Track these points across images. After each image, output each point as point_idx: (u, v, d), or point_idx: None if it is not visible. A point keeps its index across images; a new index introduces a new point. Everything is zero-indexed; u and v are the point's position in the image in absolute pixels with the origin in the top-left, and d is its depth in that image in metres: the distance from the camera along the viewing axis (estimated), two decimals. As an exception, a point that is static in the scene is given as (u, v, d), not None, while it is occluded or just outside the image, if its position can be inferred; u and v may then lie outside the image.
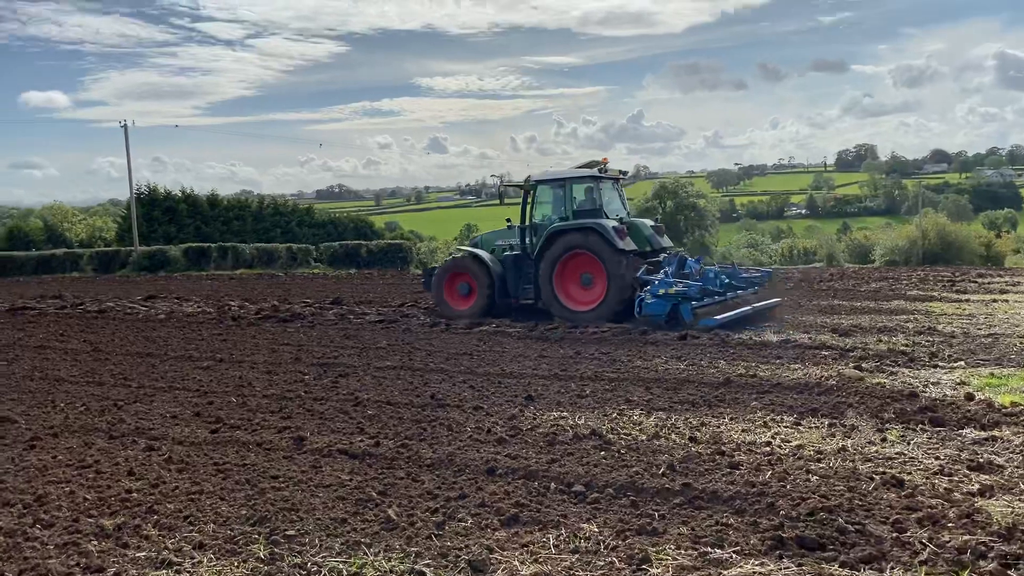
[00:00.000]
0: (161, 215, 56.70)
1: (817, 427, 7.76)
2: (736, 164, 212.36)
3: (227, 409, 9.35)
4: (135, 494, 6.24)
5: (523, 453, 7.05)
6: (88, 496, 6.21)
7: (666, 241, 17.00)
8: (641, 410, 8.62)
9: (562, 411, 8.68)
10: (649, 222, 17.08)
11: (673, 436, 7.53)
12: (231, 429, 8.37)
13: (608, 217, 16.36)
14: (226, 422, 8.65)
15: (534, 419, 8.33)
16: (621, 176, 17.62)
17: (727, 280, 16.04)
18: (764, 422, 7.98)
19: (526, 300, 16.81)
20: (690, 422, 8.07)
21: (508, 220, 17.83)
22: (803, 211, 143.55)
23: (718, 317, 14.33)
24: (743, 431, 7.71)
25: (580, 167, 17.22)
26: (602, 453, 6.99)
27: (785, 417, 8.16)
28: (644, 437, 7.51)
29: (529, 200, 17.08)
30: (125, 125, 45.43)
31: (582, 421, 8.18)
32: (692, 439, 7.40)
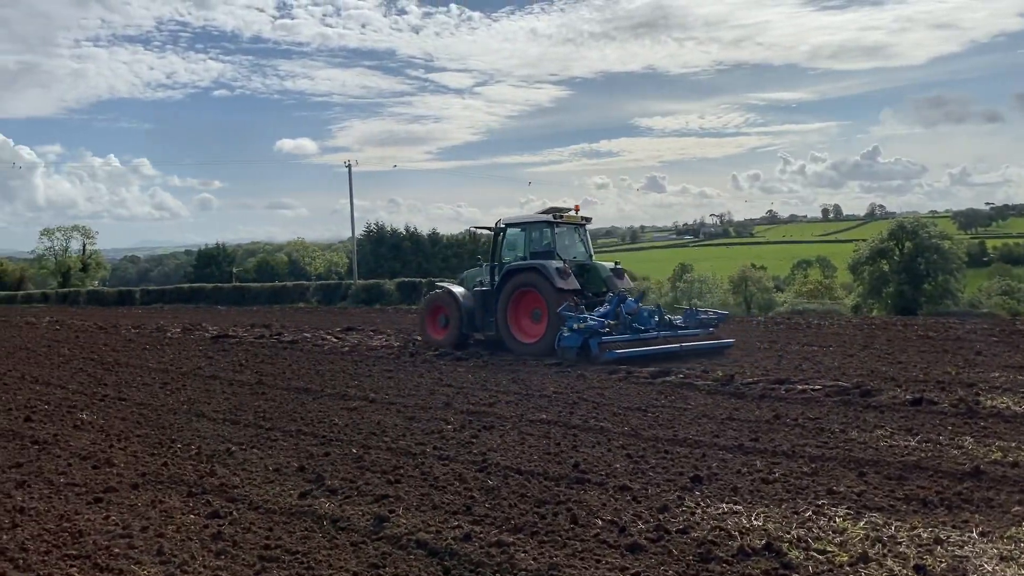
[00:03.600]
0: (387, 251, 58.80)
1: (1124, 561, 5.03)
2: (988, 204, 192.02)
3: (338, 464, 7.84)
4: (138, 588, 4.79)
5: (657, 573, 4.92)
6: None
7: (626, 283, 17.75)
8: (847, 509, 6.11)
9: (735, 502, 6.36)
10: (609, 265, 18.11)
11: (890, 561, 5.03)
12: (324, 493, 6.80)
13: (562, 259, 17.24)
14: (325, 483, 7.11)
15: (692, 513, 6.08)
16: (585, 222, 18.54)
17: (677, 320, 17.15)
18: (1035, 544, 5.35)
19: (488, 333, 17.85)
20: (918, 536, 5.49)
21: (479, 258, 19.85)
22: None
23: (619, 351, 14.99)
24: (1002, 558, 5.08)
25: (542, 212, 18.31)
26: (775, 584, 4.74)
27: (1069, 538, 5.46)
28: (845, 559, 5.07)
29: (499, 241, 18.29)
30: (349, 165, 47.54)
31: (759, 522, 5.82)
32: (919, 569, 4.92)
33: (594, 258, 18.62)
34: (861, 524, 5.79)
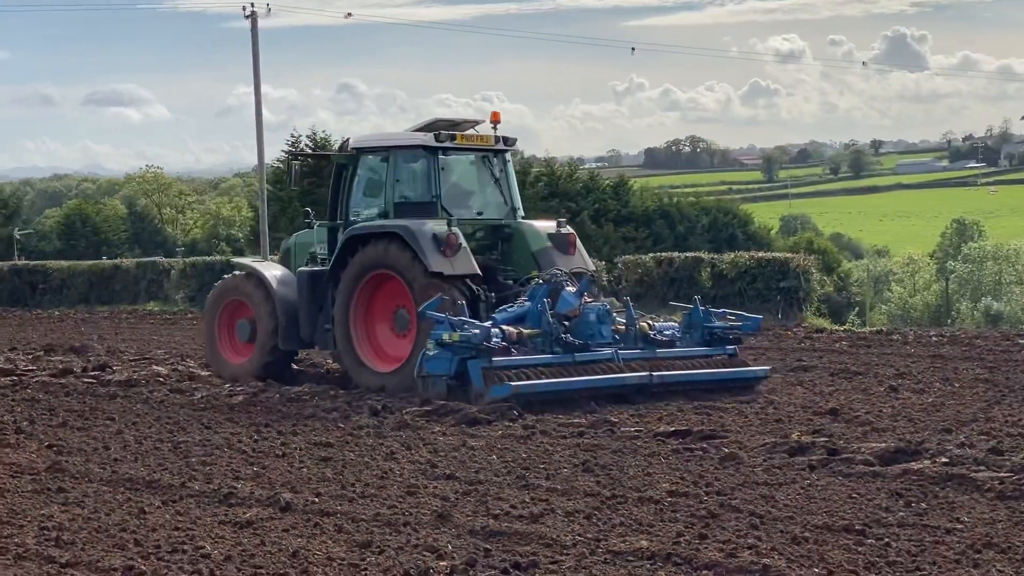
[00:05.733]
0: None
1: None
2: None
3: None
4: None
5: None
6: None
7: (575, 260, 18.99)
8: None
9: None
10: (549, 226, 19.44)
11: None
12: None
13: (449, 216, 18.24)
14: None
15: None
16: (504, 148, 19.73)
17: (666, 329, 18.96)
18: None
19: (327, 350, 19.50)
20: None
21: (309, 211, 21.24)
22: None
23: (515, 383, 16.17)
24: None
25: (417, 129, 19.31)
26: None
27: None
28: None
29: (346, 181, 19.59)
30: (254, 14, 45.65)
31: None
32: None
33: (521, 214, 19.74)
34: None
